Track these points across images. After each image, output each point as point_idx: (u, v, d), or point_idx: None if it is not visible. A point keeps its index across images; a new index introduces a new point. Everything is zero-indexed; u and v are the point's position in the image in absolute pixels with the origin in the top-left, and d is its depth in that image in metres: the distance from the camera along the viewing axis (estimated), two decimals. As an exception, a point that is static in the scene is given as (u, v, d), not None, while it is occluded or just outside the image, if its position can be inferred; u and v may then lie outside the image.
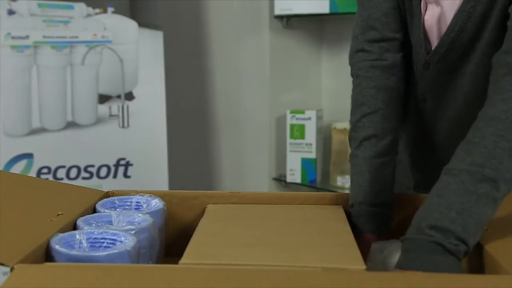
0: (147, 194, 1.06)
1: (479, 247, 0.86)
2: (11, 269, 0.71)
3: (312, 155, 2.21)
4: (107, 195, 1.12)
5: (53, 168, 2.02)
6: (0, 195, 0.99)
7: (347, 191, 1.12)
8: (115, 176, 2.07)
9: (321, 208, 1.06)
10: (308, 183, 2.22)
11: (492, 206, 0.86)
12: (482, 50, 1.04)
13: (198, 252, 0.84)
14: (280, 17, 2.24)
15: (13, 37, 1.97)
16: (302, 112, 2.20)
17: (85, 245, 0.85)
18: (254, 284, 0.69)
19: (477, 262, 0.87)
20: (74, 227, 0.93)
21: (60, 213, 0.94)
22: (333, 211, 1.04)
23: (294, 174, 2.24)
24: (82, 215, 0.97)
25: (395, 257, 0.87)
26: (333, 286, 0.69)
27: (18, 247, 0.77)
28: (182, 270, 0.75)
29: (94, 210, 1.03)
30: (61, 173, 2.02)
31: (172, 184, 2.13)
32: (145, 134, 2.10)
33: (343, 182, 2.15)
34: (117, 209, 1.03)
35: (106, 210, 1.01)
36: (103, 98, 2.09)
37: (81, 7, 2.05)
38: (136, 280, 0.70)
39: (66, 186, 1.13)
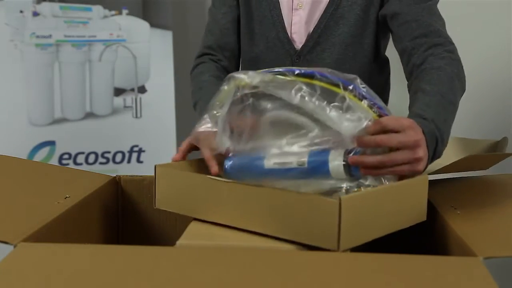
0: None
1: (448, 230, 0.84)
2: (14, 247, 0.70)
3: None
4: (114, 180, 1.11)
5: (73, 154, 2.02)
6: (13, 179, 0.99)
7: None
8: (129, 161, 2.07)
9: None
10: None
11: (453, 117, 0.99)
12: (343, 43, 1.21)
13: (194, 234, 0.83)
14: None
15: (37, 36, 1.97)
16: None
17: None
18: (245, 261, 0.68)
19: (444, 244, 0.86)
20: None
21: (67, 196, 0.94)
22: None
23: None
24: (88, 198, 0.97)
25: None
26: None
27: (24, 226, 0.76)
28: (178, 251, 0.74)
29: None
30: (80, 159, 2.02)
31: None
32: (156, 123, 2.09)
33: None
34: None
35: None
36: (118, 91, 2.08)
37: (98, 9, 2.04)
38: (132, 260, 0.69)
39: (75, 172, 1.13)
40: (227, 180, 0.85)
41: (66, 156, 2.01)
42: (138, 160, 2.08)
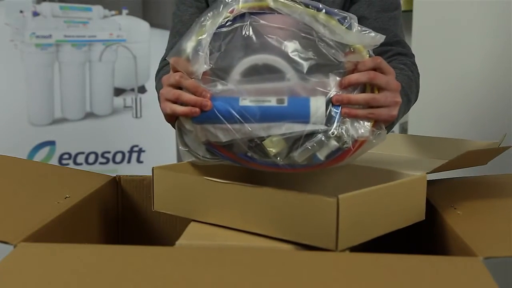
0: None
1: (448, 230, 0.84)
2: (14, 247, 0.70)
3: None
4: (114, 180, 1.11)
5: (73, 154, 2.03)
6: (13, 179, 0.99)
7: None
8: (129, 161, 2.08)
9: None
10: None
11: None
12: None
13: (194, 234, 0.82)
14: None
15: (37, 36, 1.98)
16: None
17: None
18: (244, 261, 0.68)
19: (444, 244, 0.85)
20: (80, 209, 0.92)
21: (67, 196, 0.93)
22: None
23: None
24: (88, 198, 0.96)
25: None
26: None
27: (24, 227, 0.76)
28: (177, 251, 0.74)
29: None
30: (80, 159, 2.03)
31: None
32: (156, 123, 2.10)
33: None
34: None
35: None
36: (118, 91, 2.09)
37: (98, 9, 2.05)
38: (132, 260, 0.68)
39: (75, 172, 1.12)
40: (225, 181, 0.84)
41: (66, 156, 2.02)
42: (138, 160, 2.08)
